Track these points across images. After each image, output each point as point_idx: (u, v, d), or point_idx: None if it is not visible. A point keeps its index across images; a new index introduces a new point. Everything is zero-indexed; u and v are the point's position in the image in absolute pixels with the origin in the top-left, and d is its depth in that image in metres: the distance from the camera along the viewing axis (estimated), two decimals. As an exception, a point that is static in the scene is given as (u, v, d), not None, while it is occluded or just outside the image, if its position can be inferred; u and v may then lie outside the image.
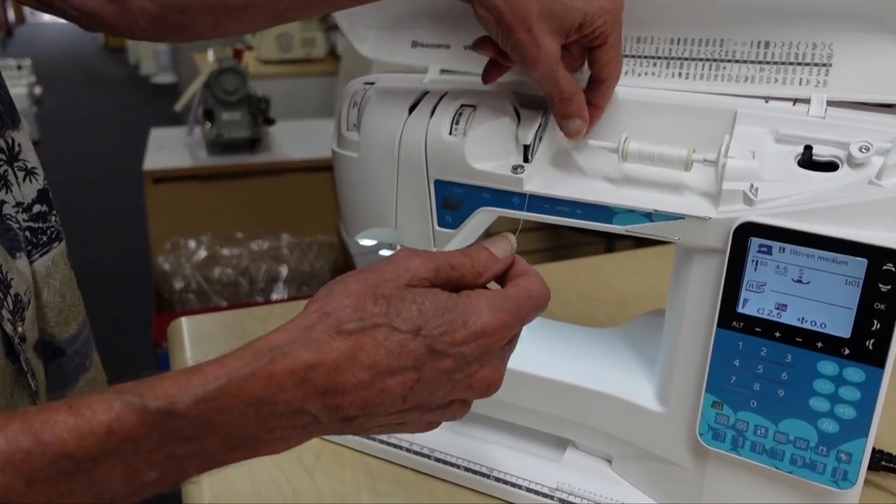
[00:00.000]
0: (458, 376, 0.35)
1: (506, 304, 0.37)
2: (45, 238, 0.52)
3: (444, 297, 0.35)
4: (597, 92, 0.50)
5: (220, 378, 0.30)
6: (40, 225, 0.52)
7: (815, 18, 0.48)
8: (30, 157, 0.51)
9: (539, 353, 0.59)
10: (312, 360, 0.32)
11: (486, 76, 0.53)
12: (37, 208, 0.51)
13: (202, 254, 2.07)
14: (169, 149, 2.22)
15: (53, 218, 0.53)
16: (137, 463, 0.29)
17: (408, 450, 0.63)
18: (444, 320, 0.35)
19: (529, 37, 0.45)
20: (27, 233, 0.51)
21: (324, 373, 0.32)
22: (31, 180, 0.51)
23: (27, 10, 10.14)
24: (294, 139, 2.30)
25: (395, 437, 0.63)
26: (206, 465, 0.32)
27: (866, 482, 0.60)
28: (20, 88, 4.56)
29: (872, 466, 0.60)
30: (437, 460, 0.61)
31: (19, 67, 5.20)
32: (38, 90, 5.44)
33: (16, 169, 0.50)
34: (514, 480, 0.59)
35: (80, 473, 0.28)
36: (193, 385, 0.30)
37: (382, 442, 0.63)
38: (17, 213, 0.50)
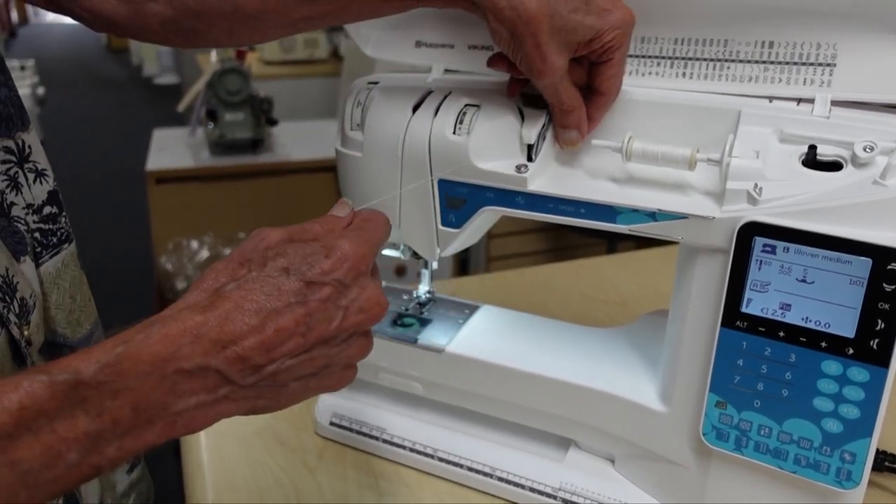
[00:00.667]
0: (343, 301, 0.38)
1: (355, 234, 0.41)
2: (55, 239, 0.52)
3: (301, 243, 0.39)
4: (593, 104, 0.51)
5: (119, 346, 0.32)
6: (50, 226, 0.52)
7: (819, 18, 0.48)
8: (40, 158, 0.51)
9: (542, 353, 0.59)
10: (201, 318, 0.34)
11: (509, 91, 0.54)
12: (47, 210, 0.52)
13: (204, 254, 2.07)
14: (171, 149, 2.22)
15: (63, 219, 0.53)
16: (55, 441, 0.30)
17: (411, 449, 0.63)
18: (308, 256, 0.38)
19: (537, 51, 0.46)
20: (37, 234, 0.51)
21: (214, 326, 0.34)
22: (41, 182, 0.51)
23: (31, 10, 10.16)
24: (297, 140, 2.30)
25: (397, 437, 0.63)
26: (125, 445, 0.32)
27: (871, 483, 0.60)
28: (23, 89, 4.57)
29: (876, 467, 0.60)
30: (440, 460, 0.61)
31: (22, 68, 5.20)
32: (41, 91, 5.44)
33: (26, 171, 0.50)
34: (516, 480, 0.59)
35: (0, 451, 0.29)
36: (96, 355, 0.32)
37: (385, 441, 0.64)
38: (26, 214, 0.50)
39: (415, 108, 0.55)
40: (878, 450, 0.61)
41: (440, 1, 0.49)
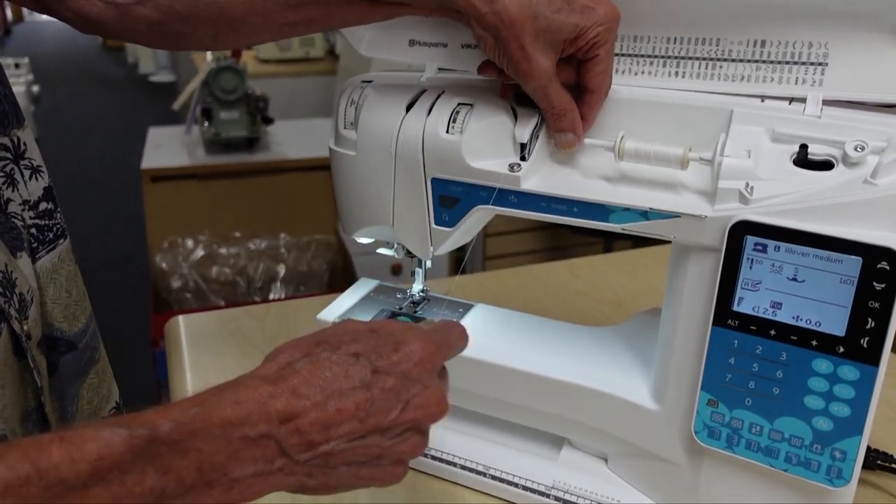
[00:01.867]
0: (405, 395, 0.38)
1: (428, 334, 0.42)
2: (51, 235, 0.52)
3: (375, 335, 0.41)
4: (585, 103, 0.51)
5: (194, 407, 0.34)
6: (46, 222, 0.52)
7: (811, 18, 0.48)
8: (35, 155, 0.52)
9: (535, 352, 0.59)
10: (270, 389, 0.35)
11: (502, 92, 0.54)
12: (43, 206, 0.52)
13: (200, 253, 2.06)
14: (167, 148, 2.22)
15: (58, 215, 0.53)
16: (123, 494, 0.31)
17: (404, 448, 0.63)
18: (379, 346, 0.39)
19: (522, 53, 0.47)
20: (34, 230, 0.51)
21: (282, 397, 0.35)
22: (36, 178, 0.51)
23: (25, 8, 10.11)
24: (292, 138, 2.30)
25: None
26: (186, 502, 0.33)
27: (862, 481, 0.60)
28: (18, 87, 4.55)
29: (868, 465, 0.60)
30: (434, 458, 0.61)
31: (17, 66, 5.19)
32: (35, 89, 5.43)
33: (22, 167, 0.50)
34: (510, 479, 0.59)
35: (70, 498, 0.29)
36: (173, 413, 0.33)
37: (379, 440, 0.64)
38: (23, 210, 0.50)
39: (408, 107, 0.55)
40: (869, 448, 0.61)
41: (425, 10, 0.49)
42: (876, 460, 0.61)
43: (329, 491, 0.39)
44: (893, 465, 0.60)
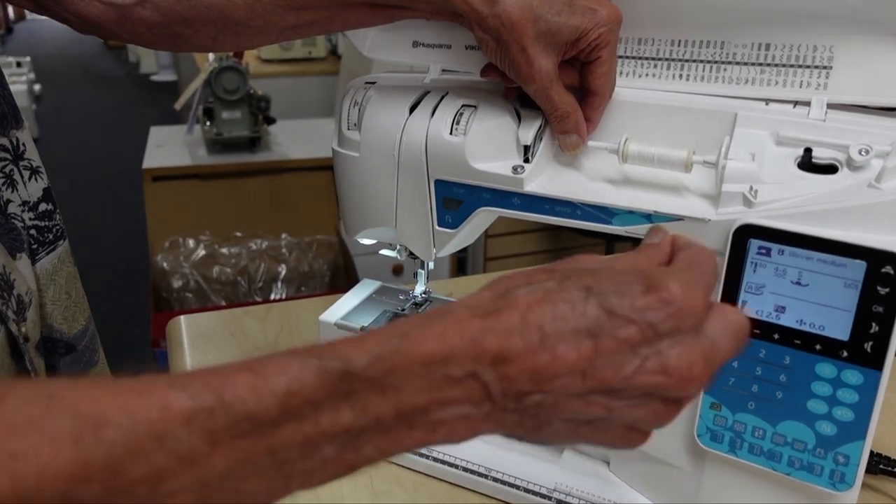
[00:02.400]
0: (645, 351, 0.30)
1: (687, 275, 0.32)
2: (50, 236, 0.52)
3: (620, 272, 0.32)
4: (588, 105, 0.51)
5: (394, 338, 0.30)
6: (46, 223, 0.52)
7: (815, 21, 0.48)
8: (34, 156, 0.52)
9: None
10: (480, 324, 0.30)
11: (506, 94, 0.54)
12: (42, 207, 0.52)
13: (201, 253, 2.06)
14: (168, 147, 2.22)
15: (57, 216, 0.53)
16: (316, 433, 0.28)
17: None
18: (621, 284, 0.31)
19: (523, 56, 0.47)
20: (33, 231, 0.51)
21: (492, 335, 0.30)
22: (36, 179, 0.51)
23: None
24: (294, 138, 2.30)
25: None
26: (383, 446, 0.30)
27: (864, 485, 0.60)
28: (19, 86, 4.56)
29: (871, 470, 0.60)
30: (435, 460, 0.61)
31: (18, 65, 5.20)
32: (37, 88, 5.43)
33: (21, 168, 0.50)
34: (512, 481, 0.59)
35: (261, 439, 0.27)
36: (369, 345, 0.29)
37: (380, 441, 0.63)
38: (22, 212, 0.50)
39: (412, 109, 0.55)
40: (872, 452, 0.61)
41: (426, 13, 0.49)
42: (879, 464, 0.60)
43: (540, 442, 0.33)
44: (896, 470, 0.60)
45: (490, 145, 0.52)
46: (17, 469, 0.23)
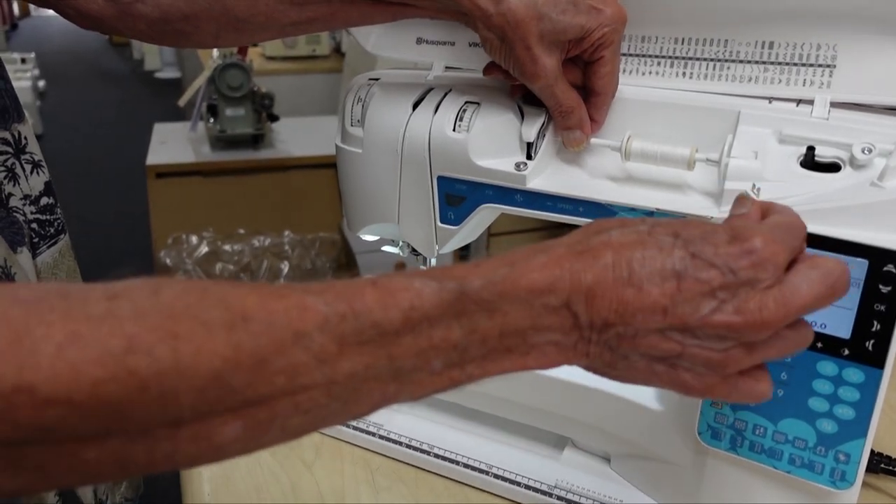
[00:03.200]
0: (723, 294, 0.32)
1: (773, 231, 0.34)
2: (52, 230, 0.52)
3: (708, 225, 0.35)
4: (592, 105, 0.51)
5: (504, 266, 0.33)
6: (48, 217, 0.52)
7: (819, 20, 0.48)
8: (35, 150, 0.52)
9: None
10: (578, 258, 0.33)
11: (511, 92, 0.54)
12: (44, 201, 0.52)
13: (204, 249, 2.06)
14: (172, 144, 2.22)
15: (58, 210, 0.53)
16: (428, 347, 0.31)
17: (408, 445, 0.63)
18: (708, 234, 0.34)
19: (528, 54, 0.47)
20: (35, 225, 0.51)
21: (586, 271, 0.33)
22: (38, 173, 0.51)
23: (31, 4, 10.13)
24: (297, 136, 2.30)
25: (395, 433, 0.63)
26: (484, 365, 0.33)
27: (865, 485, 0.60)
28: (24, 82, 4.57)
29: (871, 469, 0.60)
30: (437, 456, 0.62)
31: (23, 61, 5.21)
32: (41, 84, 5.44)
33: (23, 162, 0.50)
34: (513, 477, 0.59)
35: (382, 346, 0.30)
36: (483, 270, 0.33)
37: (382, 437, 0.64)
38: (24, 205, 0.50)
39: (415, 105, 0.55)
40: (873, 451, 0.61)
41: (430, 11, 0.49)
42: (880, 464, 0.61)
43: (623, 380, 0.36)
44: (897, 469, 0.60)
45: (493, 142, 0.52)
46: (178, 347, 0.26)
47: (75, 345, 0.25)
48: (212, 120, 2.13)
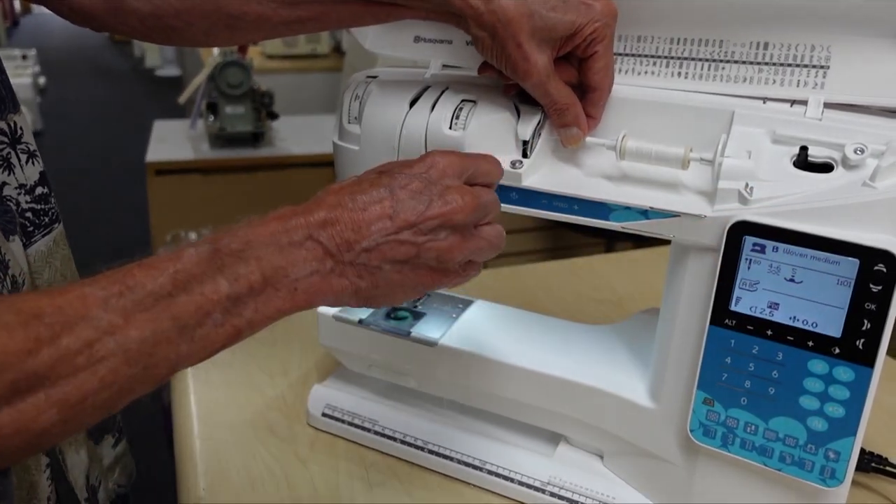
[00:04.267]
0: (427, 194, 0.42)
1: (452, 151, 0.46)
2: (46, 219, 0.53)
3: (401, 160, 0.46)
4: (588, 101, 0.51)
5: (243, 227, 0.39)
6: (42, 206, 0.53)
7: (813, 21, 0.48)
8: (30, 140, 0.52)
9: (533, 349, 0.60)
10: (305, 207, 0.41)
11: (505, 90, 0.54)
12: (39, 190, 0.52)
13: (203, 247, 2.06)
14: (171, 141, 2.22)
15: (52, 199, 0.54)
16: (203, 302, 0.35)
17: (402, 441, 0.63)
18: (403, 163, 0.44)
19: (520, 52, 0.47)
20: (29, 214, 0.51)
21: (317, 210, 0.40)
22: (33, 163, 0.52)
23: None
24: (297, 134, 2.30)
25: (389, 429, 0.64)
26: (259, 308, 0.38)
27: (856, 483, 0.60)
28: (24, 78, 4.56)
29: (862, 468, 0.60)
30: (431, 452, 0.62)
31: (24, 57, 5.21)
32: (42, 80, 5.44)
33: (18, 151, 0.50)
34: (506, 474, 0.59)
35: (163, 310, 0.34)
36: (226, 232, 0.38)
37: (377, 433, 0.64)
38: (18, 195, 0.50)
39: (412, 103, 0.55)
40: (864, 450, 0.61)
41: (422, 12, 0.50)
42: (870, 462, 0.61)
43: (386, 299, 0.43)
44: (887, 468, 0.61)
45: (489, 140, 0.53)
46: None
47: None
48: (212, 118, 2.13)
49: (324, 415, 0.66)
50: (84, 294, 0.33)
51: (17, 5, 9.57)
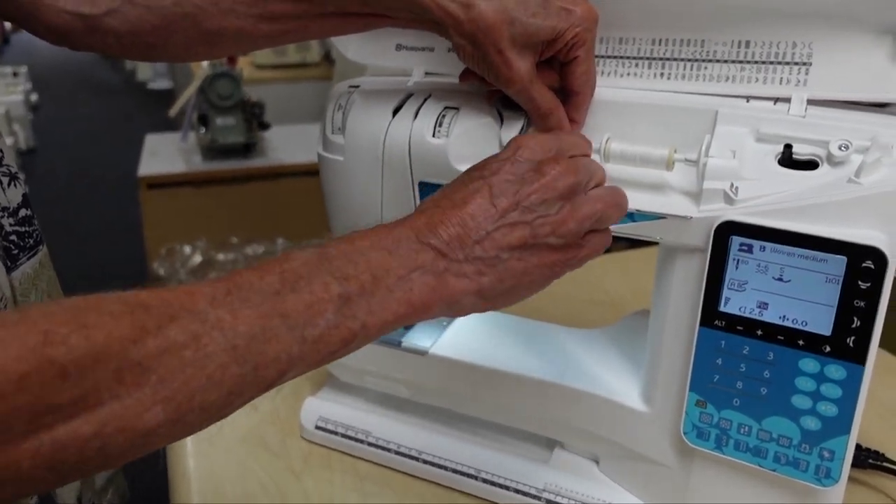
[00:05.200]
0: (520, 172, 0.42)
1: (539, 133, 0.47)
2: (31, 241, 0.52)
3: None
4: (571, 105, 0.51)
5: (350, 234, 0.39)
6: (27, 229, 0.52)
7: (794, 18, 0.48)
8: (11, 162, 0.52)
9: (525, 354, 0.59)
10: (406, 217, 0.41)
11: (487, 97, 0.54)
12: (23, 213, 0.52)
13: (197, 259, 2.06)
14: (163, 154, 2.22)
15: (35, 221, 0.53)
16: (314, 300, 0.35)
17: (396, 452, 0.63)
18: (493, 156, 0.44)
19: (501, 58, 0.47)
20: (14, 237, 0.51)
21: (418, 217, 0.41)
22: (15, 185, 0.51)
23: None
24: (289, 144, 2.30)
25: (383, 440, 0.63)
26: (373, 309, 0.36)
27: (854, 480, 0.60)
28: (16, 96, 4.55)
29: (859, 464, 0.60)
30: (425, 462, 0.61)
31: (15, 74, 5.20)
32: (34, 97, 5.43)
33: (0, 175, 0.50)
34: (501, 482, 0.59)
35: (271, 307, 0.34)
36: (337, 239, 0.39)
37: (370, 444, 0.64)
38: (2, 217, 0.50)
39: (395, 112, 0.55)
40: (860, 447, 0.61)
41: (402, 21, 0.49)
42: (867, 459, 0.61)
43: (513, 295, 0.42)
44: (885, 464, 0.60)
45: (473, 147, 0.52)
46: (89, 335, 0.29)
47: None
48: (203, 129, 2.13)
49: (317, 427, 0.66)
50: (191, 290, 0.33)
51: (7, 23, 9.57)
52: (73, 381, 0.28)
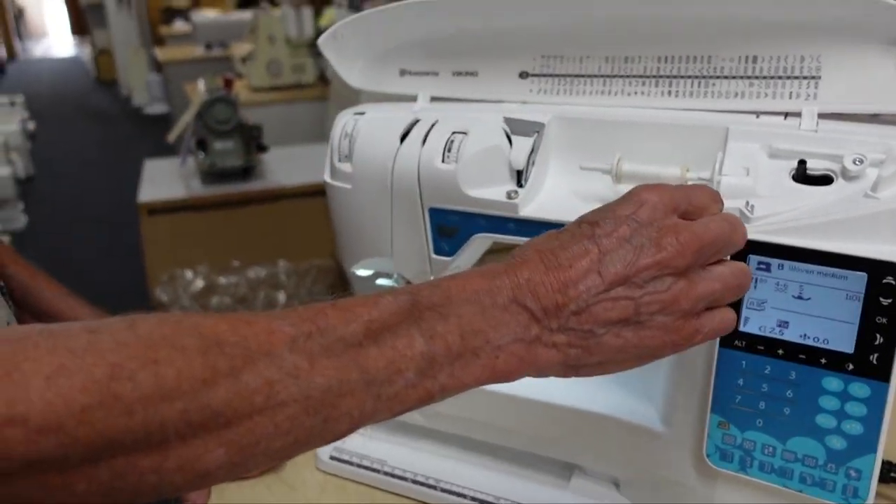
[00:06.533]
0: (636, 240, 0.37)
1: (663, 185, 0.40)
2: None
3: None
4: None
5: (446, 280, 0.37)
6: None
7: (801, 32, 0.48)
8: None
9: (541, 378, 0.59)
10: (511, 262, 0.38)
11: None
12: None
13: (199, 284, 2.06)
14: (163, 180, 2.22)
15: None
16: (396, 357, 0.33)
17: (413, 480, 0.62)
18: (606, 209, 0.40)
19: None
20: None
21: (520, 269, 0.37)
22: None
23: (19, 45, 10.17)
24: (287, 165, 2.30)
25: (399, 469, 0.62)
26: (455, 372, 0.34)
27: (878, 495, 0.59)
28: (13, 125, 4.55)
29: (883, 479, 0.59)
30: (444, 490, 0.61)
31: (12, 104, 5.20)
32: (31, 126, 5.44)
33: None
34: (521, 508, 0.58)
35: (351, 359, 0.32)
36: (428, 284, 0.36)
37: (386, 473, 0.63)
38: None
39: (402, 138, 0.54)
40: (884, 461, 0.60)
41: None
42: (890, 472, 0.60)
43: (600, 368, 0.38)
44: (909, 478, 0.60)
45: (483, 171, 0.52)
46: (159, 372, 0.28)
47: (62, 376, 0.26)
48: (201, 154, 2.13)
49: (332, 458, 0.65)
50: (272, 328, 0.31)
51: (3, 52, 9.60)
52: (138, 419, 0.27)
